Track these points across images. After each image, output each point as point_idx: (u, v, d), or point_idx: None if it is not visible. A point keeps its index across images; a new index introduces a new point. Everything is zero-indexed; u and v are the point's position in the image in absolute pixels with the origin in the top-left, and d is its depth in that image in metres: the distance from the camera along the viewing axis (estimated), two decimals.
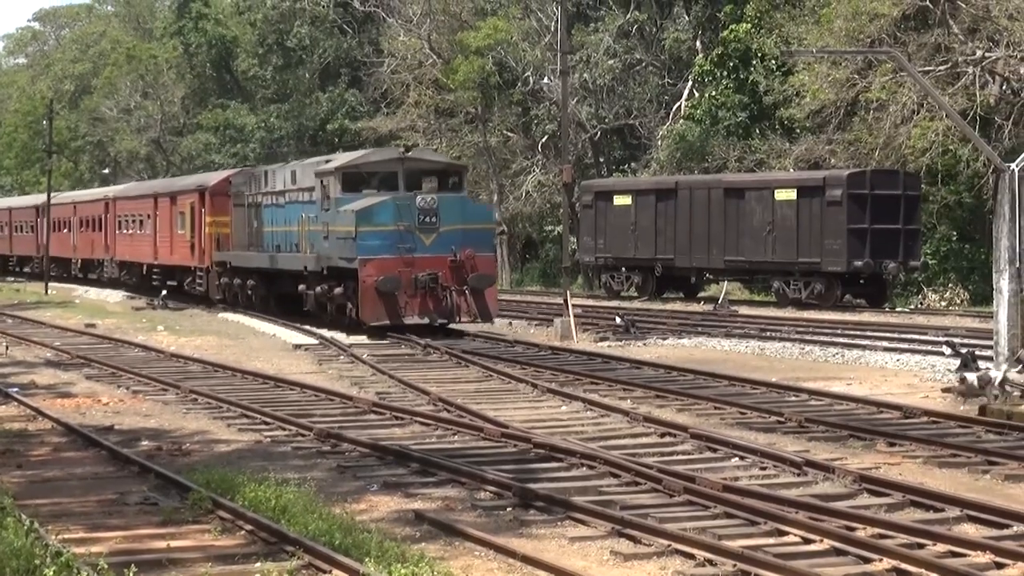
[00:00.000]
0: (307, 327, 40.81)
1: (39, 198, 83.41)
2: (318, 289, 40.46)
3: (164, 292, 55.63)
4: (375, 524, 15.37)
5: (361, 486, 18.07)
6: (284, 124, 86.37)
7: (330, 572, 13.03)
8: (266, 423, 23.26)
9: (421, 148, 56.07)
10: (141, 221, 61.96)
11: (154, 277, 60.94)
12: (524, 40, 69.39)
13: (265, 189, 45.93)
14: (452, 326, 38.74)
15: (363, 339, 37.79)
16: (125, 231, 64.72)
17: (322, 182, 40.12)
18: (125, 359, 33.72)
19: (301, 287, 42.13)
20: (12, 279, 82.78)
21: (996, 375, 24.47)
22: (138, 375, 29.85)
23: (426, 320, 37.84)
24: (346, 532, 14.42)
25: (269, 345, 38.09)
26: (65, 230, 76.39)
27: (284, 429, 22.61)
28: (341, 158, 42.58)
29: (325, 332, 39.08)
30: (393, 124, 75.12)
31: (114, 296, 61.52)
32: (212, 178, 55.20)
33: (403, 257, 37.70)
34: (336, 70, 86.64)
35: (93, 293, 64.39)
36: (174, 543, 14.54)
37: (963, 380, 25.34)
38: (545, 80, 67.81)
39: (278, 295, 45.77)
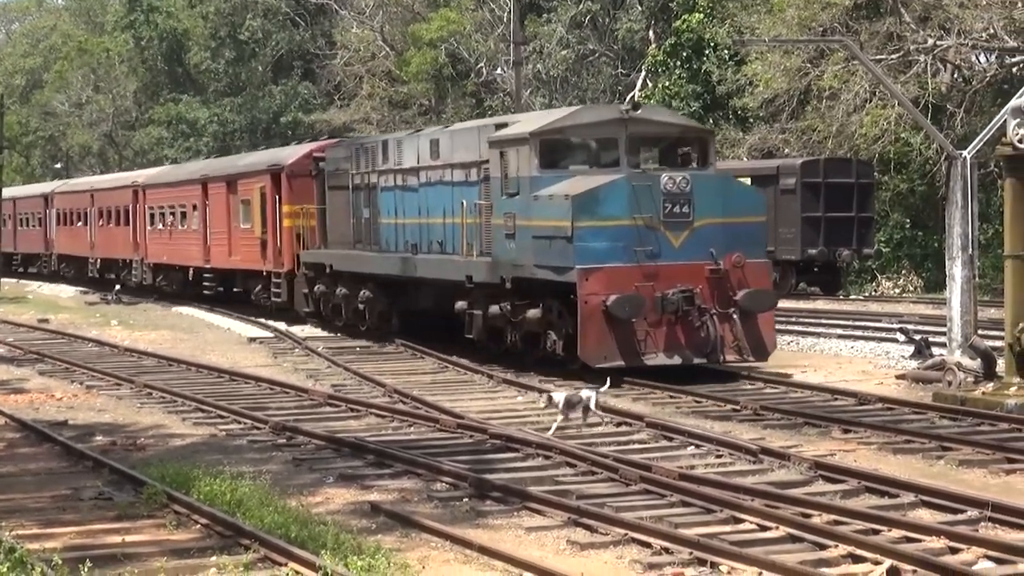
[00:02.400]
0: (261, 320, 40.63)
1: (48, 186, 74.42)
2: (494, 310, 28.73)
3: (117, 287, 55.12)
4: (331, 516, 15.34)
5: (317, 479, 18.03)
6: (237, 117, 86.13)
7: (286, 565, 12.99)
8: (221, 417, 23.18)
9: (651, 105, 41.13)
10: (183, 213, 50.05)
11: (205, 284, 48.96)
12: (477, 31, 69.40)
13: (383, 166, 34.32)
14: (713, 366, 26.99)
15: (318, 331, 37.68)
16: (161, 226, 52.72)
17: (502, 154, 28.30)
18: (79, 354, 33.55)
19: (460, 305, 30.14)
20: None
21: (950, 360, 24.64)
22: (92, 370, 29.70)
23: (676, 360, 26.28)
24: (302, 525, 14.40)
25: (224, 339, 37.96)
26: (80, 223, 63.86)
27: (239, 422, 22.54)
28: (530, 119, 30.10)
29: (281, 325, 38.91)
30: (347, 116, 75.04)
31: (67, 291, 61.05)
32: (289, 154, 42.14)
33: (642, 266, 26.30)
34: (289, 63, 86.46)
35: (47, 288, 63.83)
36: (129, 538, 14.48)
37: (935, 367, 25.53)
38: (498, 71, 67.87)
39: (408, 312, 34.55)
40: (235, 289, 46.79)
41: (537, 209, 27.19)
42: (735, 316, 26.40)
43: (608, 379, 23.39)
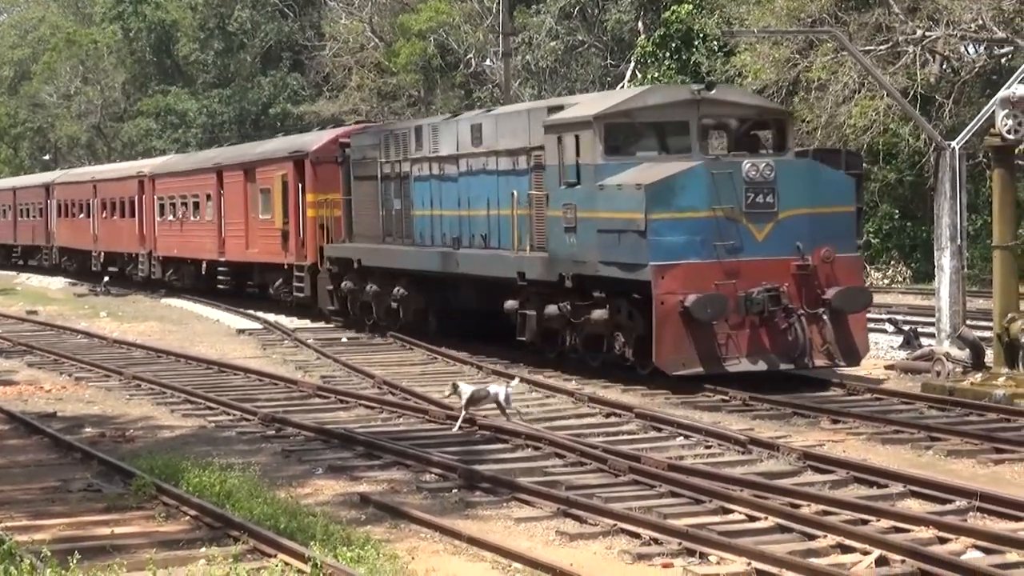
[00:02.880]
0: (250, 311, 40.56)
1: (49, 175, 71.33)
2: (551, 310, 26.32)
3: (106, 278, 54.93)
4: (320, 508, 15.36)
5: (306, 470, 18.04)
6: (226, 109, 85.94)
7: (275, 556, 12.99)
8: (210, 408, 23.19)
9: (724, 84, 37.36)
10: (196, 203, 47.44)
11: (220, 279, 46.45)
12: (466, 22, 69.29)
13: (416, 153, 31.98)
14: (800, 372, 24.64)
15: (307, 323, 37.66)
16: (171, 217, 49.88)
17: (559, 139, 25.93)
18: (68, 346, 33.53)
19: (510, 304, 27.88)
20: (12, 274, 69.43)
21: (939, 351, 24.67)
22: (81, 362, 29.68)
23: (761, 366, 23.91)
24: (291, 516, 14.41)
25: (212, 330, 37.93)
26: (82, 215, 60.85)
27: (228, 414, 22.55)
28: (590, 101, 27.53)
29: (270, 316, 38.88)
30: (335, 108, 74.87)
31: (56, 283, 60.93)
32: (313, 140, 39.98)
33: (723, 262, 23.95)
34: (278, 54, 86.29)
35: (35, 280, 63.72)
36: (118, 529, 14.50)
37: (924, 357, 25.57)
38: (487, 62, 67.79)
39: (447, 311, 32.39)
40: (250, 284, 44.75)
41: (603, 200, 24.82)
42: (825, 317, 24.09)
43: (518, 377, 23.68)
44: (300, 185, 38.69)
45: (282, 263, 40.00)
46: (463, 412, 20.63)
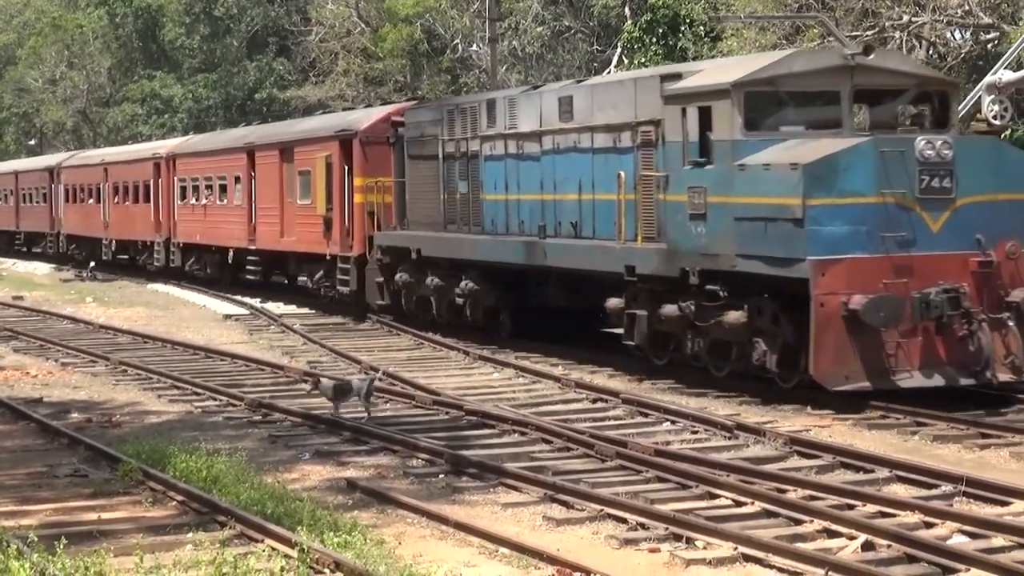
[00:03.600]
0: (237, 296, 40.49)
1: (54, 158, 67.54)
2: (669, 310, 22.75)
3: (92, 264, 54.76)
4: (307, 493, 15.36)
5: (293, 455, 18.04)
6: (212, 94, 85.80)
7: (262, 541, 12.99)
8: (197, 394, 23.17)
9: (883, 49, 29.90)
10: (223, 186, 43.73)
11: (250, 268, 43.03)
12: (453, 7, 69.21)
13: (488, 130, 28.52)
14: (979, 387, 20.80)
15: (293, 308, 37.62)
16: (192, 201, 46.37)
17: (684, 111, 22.33)
18: (54, 331, 33.47)
19: (613, 303, 24.45)
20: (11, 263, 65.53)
21: None
22: (67, 347, 29.63)
23: (937, 381, 20.33)
24: (278, 501, 14.41)
25: (199, 315, 37.88)
26: (91, 200, 57.19)
27: (215, 399, 22.54)
28: (720, 68, 23.94)
29: (256, 302, 38.83)
30: (322, 93, 74.76)
31: (42, 268, 60.78)
32: (361, 117, 36.18)
33: (892, 257, 20.42)
34: (264, 39, 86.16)
35: (21, 266, 63.54)
36: (105, 515, 14.49)
37: None
38: (474, 47, 67.73)
39: (525, 310, 28.84)
40: (276, 274, 42.41)
41: (744, 182, 21.25)
42: (1010, 323, 20.53)
43: (381, 369, 23.10)
44: (346, 167, 34.82)
45: (324, 253, 36.10)
46: (332, 406, 20.37)
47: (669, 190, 22.79)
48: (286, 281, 42.29)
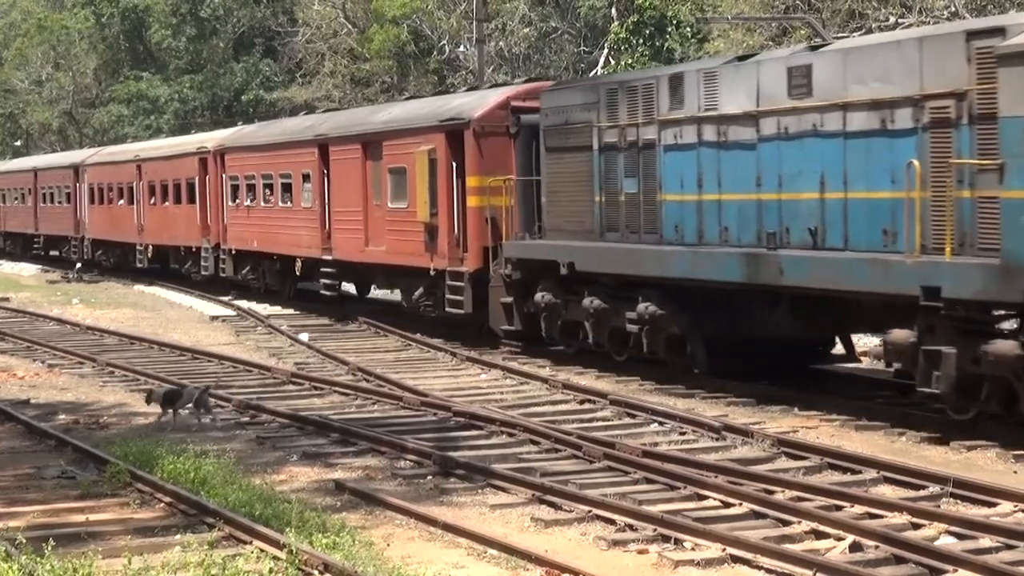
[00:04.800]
0: (223, 298, 40.43)
1: (79, 154, 61.93)
2: (999, 348, 17.32)
3: (79, 265, 54.58)
4: (296, 494, 15.36)
5: (281, 456, 18.04)
6: (198, 95, 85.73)
7: (251, 543, 12.99)
8: None
9: None
10: (287, 186, 38.14)
11: (326, 283, 35.98)
12: (440, 8, 69.22)
13: (671, 112, 23.05)
14: None
15: (279, 309, 37.59)
16: (249, 203, 40.61)
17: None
18: (40, 332, 33.43)
19: (899, 336, 18.76)
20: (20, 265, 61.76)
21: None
22: (54, 348, 29.60)
23: None
24: (266, 503, 14.41)
25: (186, 317, 37.85)
26: (121, 201, 51.89)
27: None
28: None
29: (243, 303, 38.78)
30: (308, 94, 74.71)
31: (28, 269, 60.63)
32: (473, 104, 29.56)
33: None
34: (250, 40, 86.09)
35: (7, 267, 63.35)
36: (93, 516, 14.48)
37: None
38: (461, 48, 67.72)
39: (725, 340, 22.96)
40: (350, 288, 37.62)
41: None
42: None
43: (213, 381, 23.16)
44: (454, 164, 29.17)
45: (426, 267, 30.16)
46: (171, 415, 20.52)
47: (1005, 183, 16.95)
48: (355, 292, 38.03)
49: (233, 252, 41.86)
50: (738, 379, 22.40)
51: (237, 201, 41.42)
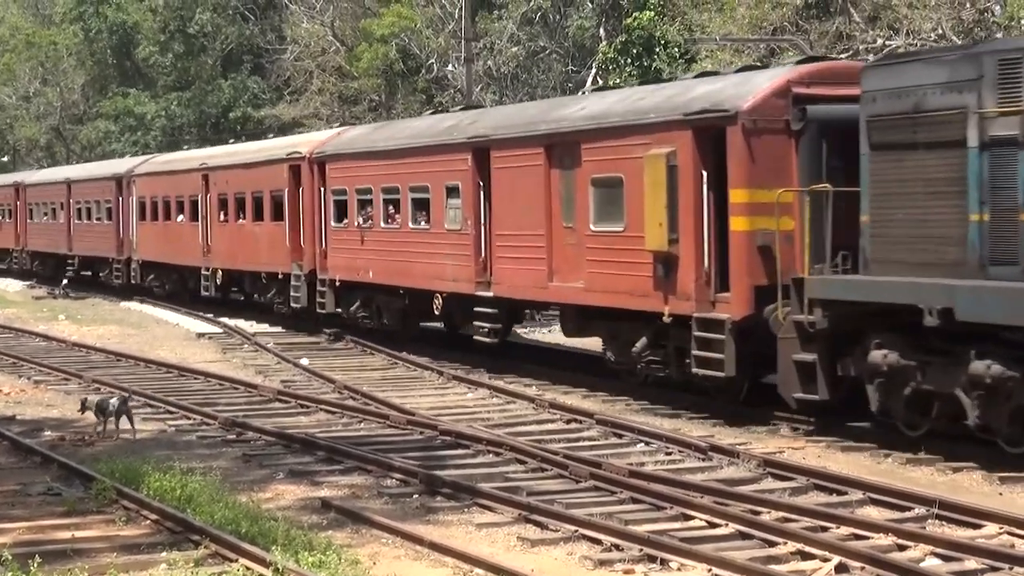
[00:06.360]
0: (209, 315, 40.40)
1: (124, 163, 53.54)
2: None
3: (65, 280, 54.38)
4: (282, 512, 15.34)
5: (267, 474, 18.02)
6: (185, 112, 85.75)
7: (237, 561, 12.97)
8: (170, 412, 23.13)
9: None
10: (420, 201, 30.39)
11: (479, 324, 27.91)
12: (428, 27, 69.30)
13: None
14: None
15: (265, 327, 37.55)
16: (361, 222, 32.82)
17: None
18: (26, 349, 33.37)
19: None
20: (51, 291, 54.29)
21: None
22: (40, 365, 29.55)
23: None
24: (252, 521, 14.39)
25: (172, 334, 37.79)
26: (181, 217, 44.35)
27: (188, 418, 22.50)
28: None
29: (228, 320, 38.74)
30: (296, 112, 74.77)
31: (13, 285, 60.47)
32: (734, 91, 21.93)
33: None
34: (238, 57, 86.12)
35: None
36: (79, 533, 14.45)
37: None
38: (449, 67, 67.81)
39: None
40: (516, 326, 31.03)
41: None
42: None
43: (131, 393, 23.43)
44: (704, 173, 21.80)
45: (657, 311, 22.60)
46: (107, 423, 20.78)
47: None
48: (516, 327, 31.16)
49: (337, 283, 34.09)
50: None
51: (345, 222, 33.67)
